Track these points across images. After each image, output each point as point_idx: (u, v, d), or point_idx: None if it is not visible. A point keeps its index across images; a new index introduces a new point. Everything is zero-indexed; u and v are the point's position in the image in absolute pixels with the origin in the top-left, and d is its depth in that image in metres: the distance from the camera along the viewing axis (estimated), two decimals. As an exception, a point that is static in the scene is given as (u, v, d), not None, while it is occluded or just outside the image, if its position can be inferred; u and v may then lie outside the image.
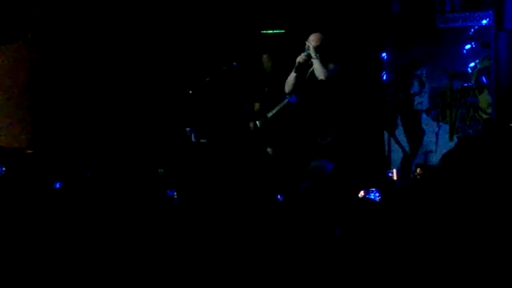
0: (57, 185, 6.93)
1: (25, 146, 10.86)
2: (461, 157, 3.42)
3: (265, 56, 10.32)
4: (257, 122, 10.16)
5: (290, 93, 9.32)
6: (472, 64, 10.24)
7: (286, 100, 9.72)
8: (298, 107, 9.45)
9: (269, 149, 9.78)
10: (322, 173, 6.92)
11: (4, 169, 7.53)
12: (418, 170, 9.17)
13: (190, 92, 9.86)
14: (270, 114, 10.00)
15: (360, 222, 3.67)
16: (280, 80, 9.77)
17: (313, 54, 9.10)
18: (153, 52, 11.63)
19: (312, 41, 9.19)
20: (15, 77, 11.43)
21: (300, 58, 9.22)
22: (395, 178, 7.27)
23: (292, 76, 9.29)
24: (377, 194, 5.63)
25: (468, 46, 10.14)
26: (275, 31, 11.40)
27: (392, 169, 8.81)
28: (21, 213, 6.14)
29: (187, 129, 10.32)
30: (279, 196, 5.90)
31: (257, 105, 10.26)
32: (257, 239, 5.03)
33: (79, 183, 6.70)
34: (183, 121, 10.67)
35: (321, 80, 8.98)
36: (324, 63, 9.06)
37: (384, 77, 10.79)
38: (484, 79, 10.17)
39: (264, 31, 11.41)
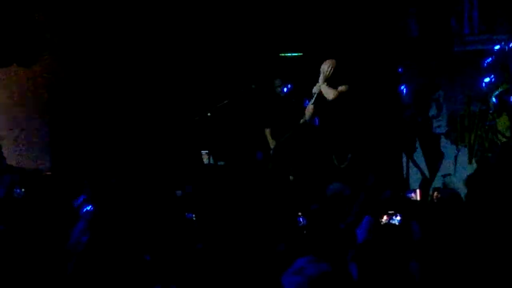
0: (79, 201, 6.94)
1: (45, 168, 10.89)
2: (482, 183, 3.41)
3: (277, 81, 10.31)
4: (271, 145, 10.15)
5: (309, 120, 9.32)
6: (496, 93, 10.21)
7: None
8: (315, 131, 9.43)
9: (291, 177, 9.76)
10: (340, 197, 6.90)
11: (23, 190, 7.53)
12: (435, 193, 9.13)
13: (209, 114, 9.87)
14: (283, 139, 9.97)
15: (384, 247, 3.65)
16: (296, 103, 9.79)
17: (321, 82, 9.12)
18: (172, 74, 11.67)
19: (325, 67, 9.20)
20: (35, 99, 11.49)
21: (315, 89, 9.24)
22: (418, 198, 7.22)
23: (310, 106, 9.29)
24: (399, 218, 5.61)
25: (487, 79, 10.10)
26: (293, 54, 11.42)
27: (416, 189, 8.76)
28: (40, 234, 6.15)
29: (205, 151, 10.33)
30: (301, 219, 5.89)
31: (267, 131, 10.22)
32: (275, 262, 5.01)
33: (98, 205, 6.70)
34: (202, 144, 10.69)
35: (330, 100, 9.01)
36: (334, 86, 9.07)
37: (404, 92, 10.73)
38: (504, 102, 10.13)
39: (283, 54, 11.42)
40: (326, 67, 9.18)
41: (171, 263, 5.27)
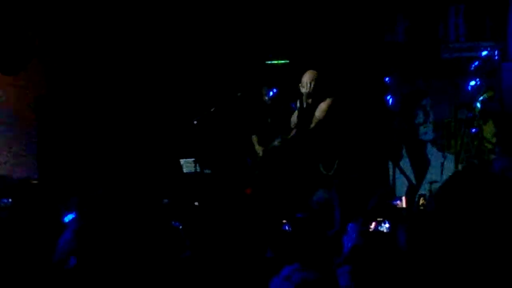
0: (66, 218, 6.90)
1: (32, 178, 10.85)
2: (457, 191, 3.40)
3: (263, 90, 10.30)
4: (258, 153, 10.14)
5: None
6: (481, 98, 10.23)
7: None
8: (301, 140, 9.42)
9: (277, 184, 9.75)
10: (326, 204, 6.90)
11: (10, 200, 7.49)
12: (421, 200, 9.15)
13: (195, 122, 9.85)
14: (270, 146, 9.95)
15: (372, 254, 3.65)
16: (283, 111, 9.77)
17: (304, 96, 9.11)
18: (159, 83, 11.66)
19: (305, 80, 9.17)
20: (21, 108, 11.45)
21: (298, 104, 9.24)
22: (404, 205, 7.23)
23: (294, 116, 9.27)
24: (387, 225, 5.61)
25: (473, 83, 10.12)
26: (279, 62, 11.41)
27: (401, 197, 8.78)
28: (28, 244, 6.12)
29: (191, 159, 10.31)
30: (286, 227, 5.88)
31: (255, 138, 10.21)
32: (262, 270, 5.00)
33: (85, 213, 6.67)
34: (188, 152, 10.66)
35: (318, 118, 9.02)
36: (318, 97, 9.07)
37: (390, 101, 10.76)
38: (488, 108, 10.17)
39: (269, 62, 11.42)
40: (306, 81, 9.14)
41: (158, 272, 5.25)
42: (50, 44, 11.56)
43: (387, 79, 10.76)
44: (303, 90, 9.10)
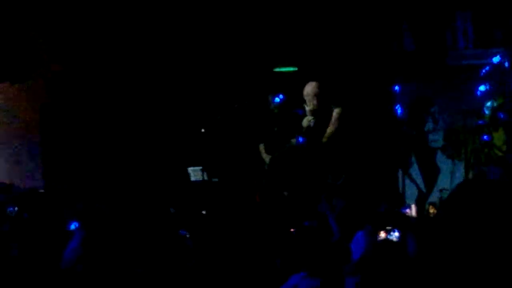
0: (72, 226, 6.86)
1: (38, 187, 10.83)
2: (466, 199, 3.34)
3: (270, 97, 10.25)
4: (265, 160, 10.09)
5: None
6: (488, 104, 10.18)
7: (294, 140, 9.65)
8: (309, 149, 9.37)
9: (285, 193, 9.69)
10: (332, 214, 6.86)
11: (16, 209, 7.48)
12: (431, 209, 9.09)
13: (203, 130, 9.82)
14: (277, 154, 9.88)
15: (382, 263, 3.59)
16: (290, 119, 9.73)
17: (308, 112, 9.07)
18: (165, 91, 11.64)
19: (308, 93, 9.12)
20: (26, 117, 11.45)
21: (305, 123, 9.19)
22: (413, 214, 7.16)
23: (305, 121, 9.22)
24: (397, 234, 5.55)
25: (482, 88, 10.07)
26: (287, 69, 11.39)
27: (410, 205, 8.71)
28: (34, 251, 6.10)
29: (199, 167, 10.28)
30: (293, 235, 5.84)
31: (262, 147, 10.16)
32: (270, 278, 4.95)
33: (91, 223, 6.64)
34: (195, 160, 10.63)
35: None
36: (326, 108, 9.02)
37: (398, 111, 10.72)
38: (499, 116, 10.10)
39: (277, 69, 11.39)
40: (310, 97, 9.07)
41: (165, 280, 5.21)
42: (55, 54, 11.56)
43: (395, 88, 10.71)
44: (308, 108, 9.04)
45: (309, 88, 9.14)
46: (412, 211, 7.37)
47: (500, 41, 10.48)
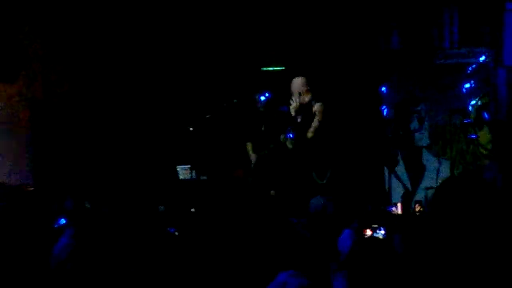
0: (61, 222, 6.88)
1: (27, 183, 10.83)
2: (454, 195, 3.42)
3: (257, 96, 10.28)
4: (252, 159, 10.14)
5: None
6: (473, 102, 10.26)
7: (283, 138, 9.70)
8: (296, 146, 9.41)
9: (272, 192, 9.74)
10: (323, 211, 6.88)
11: (1, 205, 7.47)
12: (417, 207, 9.15)
13: (191, 129, 9.86)
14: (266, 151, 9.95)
15: (368, 260, 3.66)
16: (277, 118, 9.78)
17: (294, 104, 9.11)
18: (153, 90, 11.66)
19: (296, 88, 9.15)
20: (16, 114, 11.44)
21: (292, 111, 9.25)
22: (399, 212, 7.24)
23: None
24: (383, 232, 5.63)
25: (467, 85, 10.16)
26: (275, 68, 11.43)
27: (396, 203, 8.77)
28: (21, 248, 6.11)
29: (187, 166, 10.32)
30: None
31: (249, 145, 10.20)
32: (258, 276, 5.00)
33: (79, 220, 6.66)
34: (184, 158, 10.67)
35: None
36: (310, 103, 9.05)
37: (385, 112, 10.79)
38: (485, 114, 10.19)
39: (264, 68, 11.43)
40: (297, 91, 9.11)
41: (154, 278, 5.24)
42: (45, 51, 11.56)
43: (382, 89, 10.76)
44: (292, 104, 9.08)
45: (297, 83, 9.19)
46: (398, 209, 7.43)
47: (486, 40, 10.55)
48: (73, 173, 11.10)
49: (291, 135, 9.57)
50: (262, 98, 9.99)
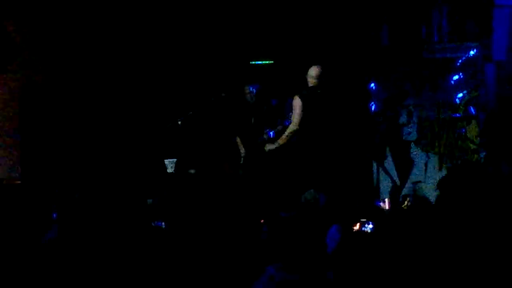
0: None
1: (14, 177, 10.81)
2: (454, 188, 3.41)
3: (246, 88, 10.25)
4: (242, 153, 10.13)
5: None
6: (460, 95, 10.29)
7: (265, 136, 9.69)
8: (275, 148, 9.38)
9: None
10: (315, 204, 6.89)
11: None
12: (406, 201, 9.16)
13: (179, 122, 9.84)
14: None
15: (356, 255, 3.66)
16: (266, 111, 9.78)
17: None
18: (144, 83, 11.64)
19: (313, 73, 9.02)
20: (4, 108, 11.41)
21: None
22: (386, 207, 7.24)
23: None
24: (371, 226, 5.64)
25: (456, 77, 10.19)
26: (264, 62, 11.43)
27: (384, 198, 8.77)
28: (9, 242, 6.10)
29: (175, 159, 10.30)
30: (265, 228, 5.89)
31: (239, 139, 10.19)
32: (243, 271, 5.00)
33: (67, 216, 6.64)
34: (172, 152, 10.65)
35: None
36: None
37: (373, 108, 10.81)
38: (472, 109, 10.21)
39: (253, 62, 11.43)
40: (315, 75, 8.99)
41: (142, 272, 5.24)
42: (32, 43, 11.52)
43: (371, 85, 10.78)
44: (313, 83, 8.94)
45: (315, 68, 9.04)
46: (386, 205, 7.44)
47: (475, 35, 10.55)
48: (62, 166, 11.08)
49: (271, 134, 9.57)
50: (252, 89, 9.97)
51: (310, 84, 8.92)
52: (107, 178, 10.59)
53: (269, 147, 9.11)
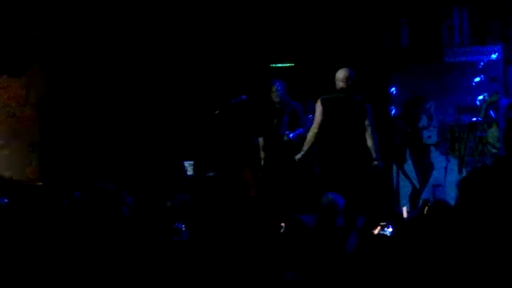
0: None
1: (34, 178, 10.86)
2: (474, 192, 3.40)
3: (273, 88, 10.18)
4: (262, 157, 10.10)
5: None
6: (480, 97, 10.25)
7: (285, 137, 9.67)
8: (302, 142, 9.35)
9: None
10: (334, 208, 6.87)
11: (6, 201, 7.47)
12: (426, 208, 9.09)
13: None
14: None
15: (375, 258, 3.66)
16: (289, 113, 9.76)
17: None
18: (162, 85, 11.67)
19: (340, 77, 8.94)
20: (24, 109, 11.49)
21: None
22: (405, 215, 7.21)
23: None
24: (391, 230, 5.62)
25: (477, 79, 10.15)
26: (284, 65, 11.43)
27: (402, 207, 8.72)
28: (25, 244, 6.12)
29: (191, 162, 10.33)
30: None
31: (260, 141, 10.15)
32: (264, 272, 5.00)
33: (87, 215, 6.66)
34: (193, 154, 10.68)
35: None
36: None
37: (393, 112, 10.78)
38: (492, 113, 10.17)
39: (274, 65, 11.43)
40: (343, 77, 8.91)
41: (160, 272, 5.25)
42: (52, 46, 11.59)
43: (392, 89, 10.75)
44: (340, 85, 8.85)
45: (344, 72, 8.96)
46: (404, 213, 7.40)
47: (496, 38, 10.52)
48: (81, 169, 11.13)
49: (291, 136, 9.55)
50: (279, 87, 9.84)
51: (338, 87, 8.86)
52: (126, 180, 10.62)
53: (298, 156, 9.05)
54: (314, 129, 8.84)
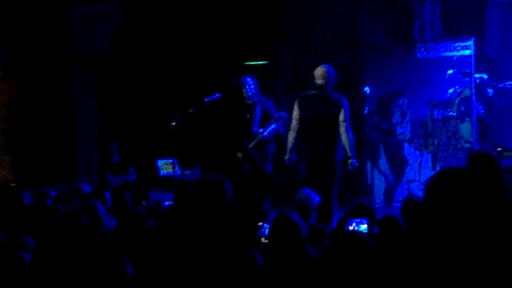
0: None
1: (8, 179, 10.84)
2: (445, 189, 3.43)
3: (244, 84, 10.17)
4: (239, 154, 10.08)
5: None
6: (451, 91, 10.30)
7: (260, 135, 9.66)
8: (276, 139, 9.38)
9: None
10: (308, 204, 6.89)
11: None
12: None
13: (173, 124, 9.83)
14: (250, 146, 9.86)
15: (348, 253, 3.68)
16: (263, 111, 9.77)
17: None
18: (141, 84, 11.68)
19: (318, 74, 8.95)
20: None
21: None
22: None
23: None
24: (365, 226, 5.66)
25: (450, 71, 10.20)
26: (258, 63, 11.45)
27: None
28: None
29: (169, 160, 10.31)
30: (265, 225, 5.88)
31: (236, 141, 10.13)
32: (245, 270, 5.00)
33: (66, 219, 6.65)
34: (169, 153, 10.67)
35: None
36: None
37: (366, 110, 10.83)
38: (465, 108, 10.23)
39: (247, 63, 11.45)
40: (320, 74, 8.93)
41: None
42: (24, 49, 11.56)
43: (365, 89, 10.79)
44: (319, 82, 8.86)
45: (321, 69, 8.96)
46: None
47: (468, 34, 10.56)
48: (55, 168, 11.12)
49: (265, 134, 9.55)
50: (250, 82, 9.82)
51: (317, 84, 8.87)
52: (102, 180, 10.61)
53: (287, 156, 9.06)
54: (293, 126, 8.87)
